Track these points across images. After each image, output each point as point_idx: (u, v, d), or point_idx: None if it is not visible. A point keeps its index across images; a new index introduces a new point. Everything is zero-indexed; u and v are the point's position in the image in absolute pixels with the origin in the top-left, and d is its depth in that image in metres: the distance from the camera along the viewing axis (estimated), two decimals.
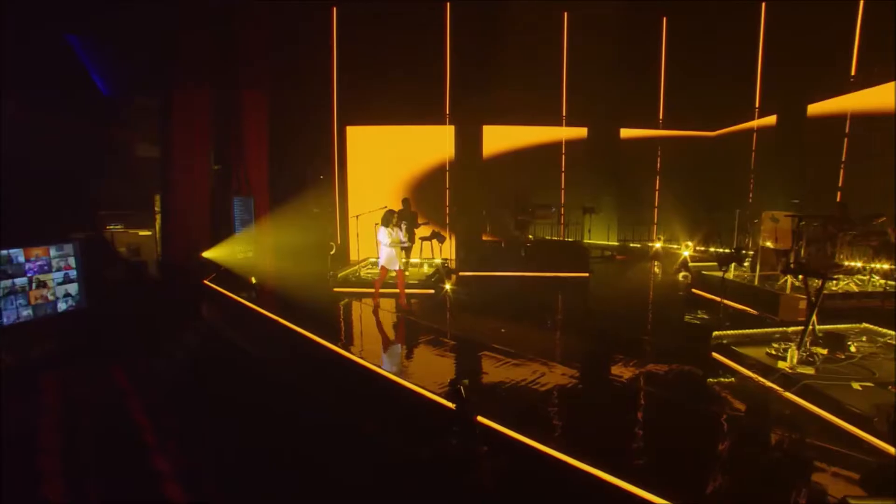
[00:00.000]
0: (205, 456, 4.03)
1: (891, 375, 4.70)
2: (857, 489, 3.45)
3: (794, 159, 10.16)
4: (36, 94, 8.70)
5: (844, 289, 7.01)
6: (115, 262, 10.03)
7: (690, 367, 5.46)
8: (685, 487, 3.34)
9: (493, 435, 3.93)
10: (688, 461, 3.81)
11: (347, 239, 12.59)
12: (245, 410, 4.68)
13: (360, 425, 4.38)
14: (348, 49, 12.55)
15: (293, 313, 7.37)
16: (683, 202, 12.76)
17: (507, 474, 3.52)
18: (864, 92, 8.96)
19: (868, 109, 8.87)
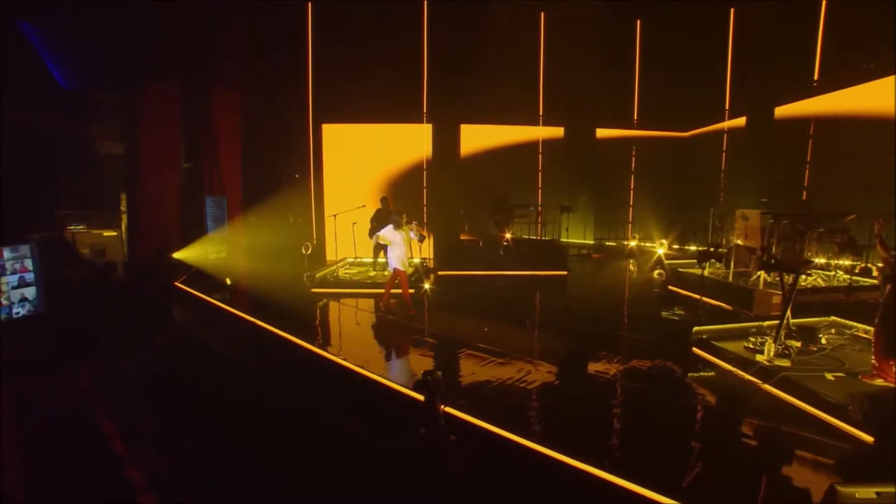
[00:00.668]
0: (176, 461, 3.88)
1: (859, 365, 4.91)
2: (839, 476, 3.58)
3: (763, 159, 10.53)
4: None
5: (812, 284, 7.31)
6: (76, 263, 9.59)
7: (672, 361, 5.57)
8: (671, 478, 3.40)
9: (461, 424, 4.00)
10: (673, 453, 3.88)
11: (323, 238, 12.37)
12: (220, 411, 4.56)
13: (338, 422, 4.41)
14: (323, 46, 12.32)
15: (271, 315, 7.18)
16: (658, 201, 13.05)
17: (474, 462, 3.58)
18: (828, 95, 9.37)
19: (831, 112, 9.28)
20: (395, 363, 6.15)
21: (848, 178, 8.62)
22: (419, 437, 3.43)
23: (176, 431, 4.38)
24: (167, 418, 4.63)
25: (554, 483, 3.57)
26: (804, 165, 9.58)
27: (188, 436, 4.27)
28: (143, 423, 4.53)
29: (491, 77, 12.46)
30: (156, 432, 4.39)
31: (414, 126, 12.99)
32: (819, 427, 4.10)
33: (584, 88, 12.82)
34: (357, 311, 8.52)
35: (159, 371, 5.78)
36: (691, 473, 3.58)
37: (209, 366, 6.06)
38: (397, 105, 12.63)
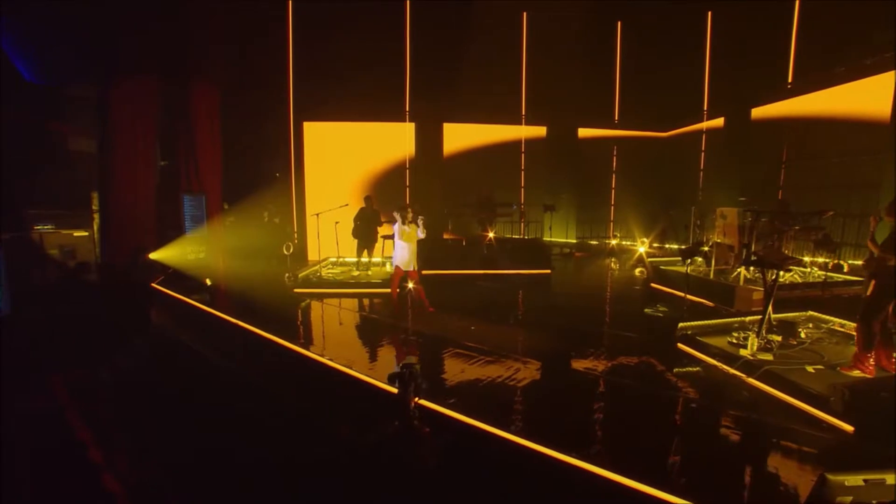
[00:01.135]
0: (155, 468, 3.76)
1: (837, 358, 5.08)
2: (821, 464, 3.68)
3: (740, 159, 10.84)
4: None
5: (789, 280, 7.53)
6: (44, 264, 9.23)
7: (658, 357, 5.67)
8: (660, 469, 3.48)
9: (436, 416, 4.06)
10: (660, 444, 3.95)
11: (305, 238, 12.19)
12: (201, 414, 4.46)
13: (322, 420, 4.40)
14: (305, 43, 12.14)
15: (253, 316, 7.03)
16: (639, 200, 13.29)
17: (449, 453, 3.62)
18: (801, 98, 9.69)
19: (804, 114, 9.60)
20: (381, 362, 6.08)
21: (821, 177, 8.94)
22: (393, 429, 3.47)
23: (155, 437, 4.24)
24: (146, 424, 4.48)
25: (531, 473, 3.62)
26: (780, 165, 9.89)
27: (168, 442, 4.14)
28: (120, 430, 4.36)
29: (474, 76, 12.50)
30: (134, 439, 4.23)
31: (397, 125, 12.91)
32: (802, 418, 4.22)
33: (566, 88, 12.97)
34: (341, 311, 8.43)
35: (137, 375, 5.59)
36: (679, 464, 3.66)
37: (189, 368, 5.89)
38: (380, 103, 12.54)
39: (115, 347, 6.31)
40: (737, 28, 11.09)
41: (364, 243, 10.16)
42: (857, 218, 7.86)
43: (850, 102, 8.61)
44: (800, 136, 9.53)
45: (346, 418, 4.34)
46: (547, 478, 3.56)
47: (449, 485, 3.44)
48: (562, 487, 3.49)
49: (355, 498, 3.36)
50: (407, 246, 7.25)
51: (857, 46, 8.26)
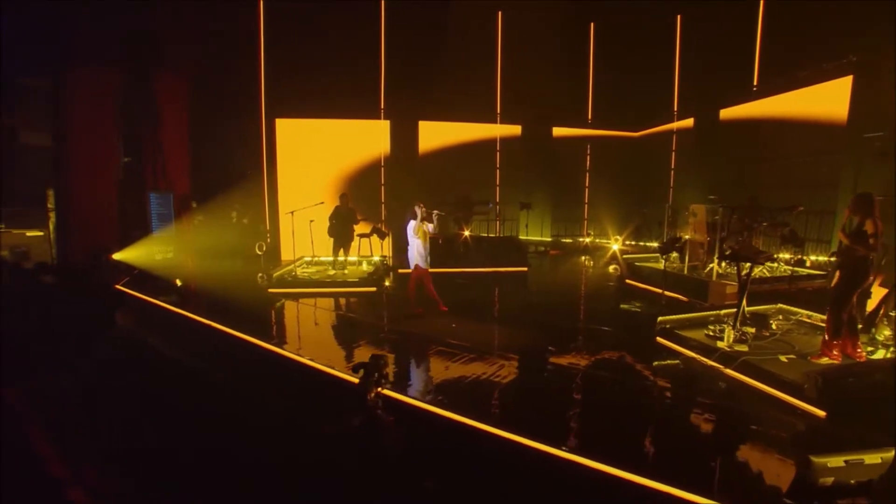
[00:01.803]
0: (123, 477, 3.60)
1: (806, 347, 5.31)
2: (796, 447, 3.84)
3: (710, 158, 11.23)
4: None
5: (758, 274, 7.83)
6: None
7: (639, 351, 5.80)
8: (650, 459, 3.55)
9: (399, 406, 4.18)
10: (645, 434, 4.08)
11: (278, 237, 11.89)
12: (169, 419, 4.34)
13: (294, 416, 4.42)
14: (278, 38, 11.80)
15: (226, 316, 6.81)
16: (613, 198, 13.57)
17: (414, 442, 3.68)
18: (766, 100, 10.12)
19: (769, 115, 10.03)
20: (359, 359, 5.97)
21: (785, 176, 9.36)
22: (357, 420, 3.51)
23: (122, 445, 4.03)
24: (111, 431, 4.25)
25: (497, 460, 3.72)
26: (748, 164, 10.31)
27: (135, 449, 3.94)
28: (84, 439, 4.13)
29: (449, 74, 12.47)
30: (100, 448, 4.01)
31: (372, 122, 12.76)
32: (778, 405, 4.40)
33: (541, 88, 13.11)
34: (318, 311, 8.27)
35: (102, 381, 5.31)
36: (660, 452, 3.76)
37: (158, 371, 5.65)
38: (354, 100, 12.36)
39: (77, 353, 5.98)
40: (705, 32, 11.50)
41: (340, 242, 9.99)
42: (818, 215, 8.27)
43: (811, 105, 9.05)
44: (766, 136, 9.95)
45: (319, 414, 4.30)
46: (533, 469, 3.60)
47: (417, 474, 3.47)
48: (548, 478, 3.53)
49: (318, 484, 3.39)
50: (427, 244, 7.13)
51: (816, 52, 8.70)
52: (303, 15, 11.52)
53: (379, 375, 3.53)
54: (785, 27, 9.52)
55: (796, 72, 9.15)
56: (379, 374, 3.53)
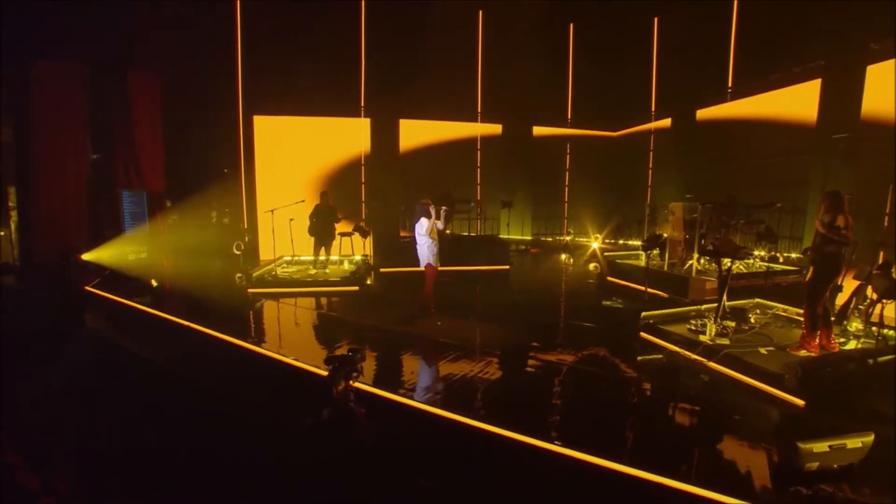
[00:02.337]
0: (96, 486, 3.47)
1: (784, 340, 5.49)
2: (778, 435, 3.97)
3: (687, 158, 11.52)
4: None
5: (735, 270, 8.07)
6: None
7: (623, 346, 5.90)
8: (639, 450, 3.60)
9: (374, 399, 4.29)
10: (633, 426, 4.16)
11: (256, 236, 11.64)
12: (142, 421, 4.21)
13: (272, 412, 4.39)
14: (255, 34, 11.52)
15: (205, 317, 6.64)
16: (593, 197, 13.78)
17: (386, 433, 3.71)
18: (740, 101, 10.46)
19: (744, 116, 10.37)
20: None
21: (759, 176, 9.69)
22: (327, 412, 3.53)
23: (92, 452, 3.88)
24: (82, 437, 4.08)
25: (469, 451, 3.79)
26: (724, 163, 10.63)
27: (106, 455, 3.79)
28: (55, 448, 3.94)
29: (430, 73, 12.43)
30: (71, 457, 3.84)
31: (352, 120, 12.63)
32: (759, 396, 4.54)
33: (522, 87, 13.19)
34: (300, 310, 8.13)
35: (71, 385, 5.09)
36: (654, 444, 3.82)
37: (131, 373, 5.45)
38: (334, 98, 12.21)
39: (45, 357, 5.72)
40: (681, 35, 11.80)
41: (321, 240, 9.85)
42: (789, 214, 8.59)
43: (783, 107, 9.40)
44: (741, 136, 10.29)
45: (303, 410, 4.24)
46: (520, 463, 3.64)
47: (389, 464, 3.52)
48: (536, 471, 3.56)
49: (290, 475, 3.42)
50: (437, 242, 7.00)
51: (787, 56, 9.03)
52: (281, 11, 11.30)
53: (350, 368, 3.53)
54: (757, 32, 9.85)
55: (768, 75, 9.49)
56: (350, 366, 3.53)
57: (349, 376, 3.53)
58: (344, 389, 3.49)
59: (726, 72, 10.66)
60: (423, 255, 7.00)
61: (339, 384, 3.48)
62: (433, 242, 6.91)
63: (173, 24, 10.23)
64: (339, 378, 3.48)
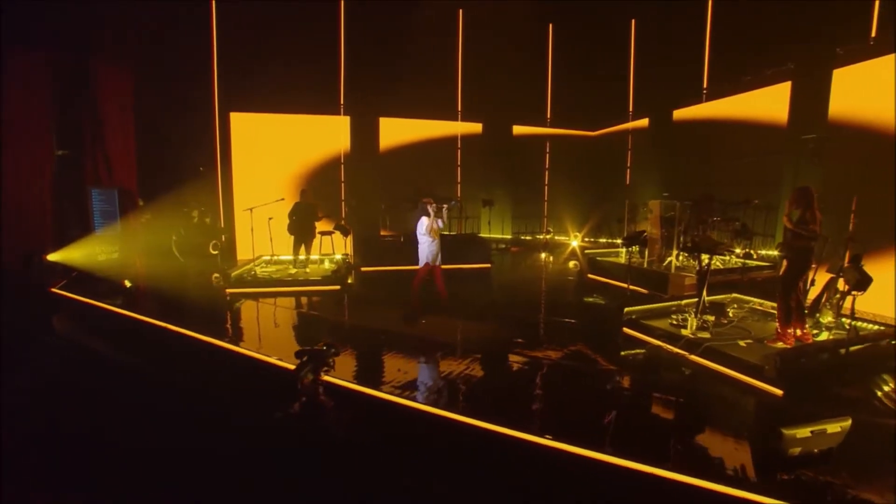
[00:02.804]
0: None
1: (761, 333, 5.67)
2: (758, 423, 4.10)
3: (664, 157, 11.77)
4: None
5: (713, 266, 8.28)
6: None
7: (607, 341, 6.00)
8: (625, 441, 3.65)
9: (338, 391, 4.24)
10: (621, 417, 4.18)
11: (233, 235, 11.38)
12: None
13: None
14: (231, 30, 11.24)
15: (181, 317, 6.47)
16: (572, 196, 13.94)
17: (354, 425, 3.81)
18: (715, 102, 10.75)
19: (719, 116, 10.67)
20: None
21: (735, 174, 9.98)
22: (296, 406, 3.60)
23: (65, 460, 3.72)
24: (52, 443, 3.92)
25: (438, 441, 3.84)
26: (700, 163, 10.91)
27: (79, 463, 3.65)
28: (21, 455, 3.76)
29: (410, 71, 12.37)
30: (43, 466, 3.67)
31: (331, 117, 12.47)
32: (739, 387, 4.68)
33: (502, 86, 13.27)
34: (281, 310, 7.98)
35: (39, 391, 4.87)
36: (640, 435, 3.89)
37: (102, 378, 5.25)
38: (312, 95, 12.03)
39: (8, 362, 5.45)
40: (658, 37, 12.06)
41: (301, 239, 9.70)
42: (763, 211, 8.87)
43: (756, 108, 9.71)
44: (716, 136, 10.59)
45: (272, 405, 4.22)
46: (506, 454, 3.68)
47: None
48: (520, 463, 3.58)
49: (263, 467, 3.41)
50: (437, 241, 7.03)
51: (759, 58, 9.34)
52: (258, 5, 11.06)
53: (320, 362, 3.50)
54: (731, 34, 10.16)
55: (742, 76, 9.80)
56: (319, 360, 3.51)
57: (318, 370, 3.51)
58: (312, 383, 3.47)
59: (702, 73, 10.95)
60: (422, 254, 6.97)
61: (305, 377, 3.47)
62: (433, 241, 6.90)
63: (145, 14, 9.86)
64: (306, 371, 3.48)
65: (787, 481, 3.22)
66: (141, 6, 9.78)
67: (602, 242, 13.34)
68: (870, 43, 7.48)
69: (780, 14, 8.74)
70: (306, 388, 3.49)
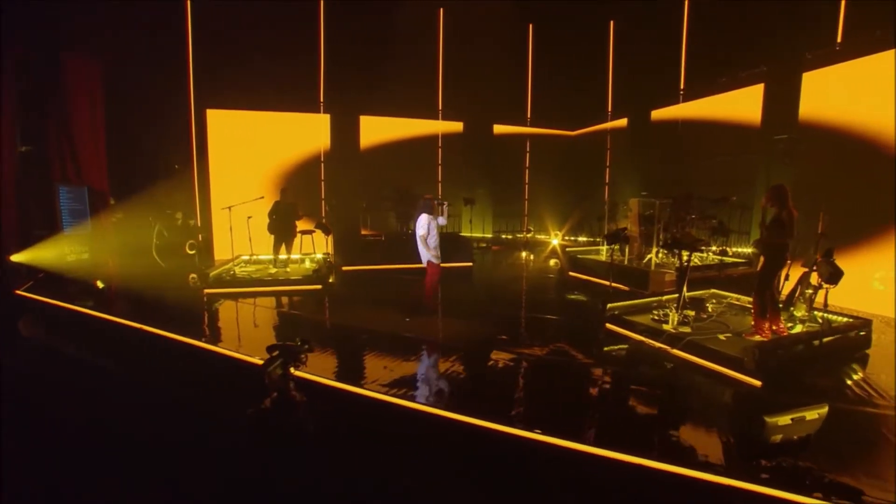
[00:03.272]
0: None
1: (739, 326, 5.83)
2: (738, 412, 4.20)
3: (643, 156, 12.01)
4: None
5: (691, 263, 8.48)
6: None
7: (590, 336, 6.07)
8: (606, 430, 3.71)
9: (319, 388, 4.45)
10: (604, 409, 4.33)
11: (210, 234, 11.10)
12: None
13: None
14: (207, 25, 10.95)
15: (158, 318, 6.29)
16: (552, 195, 14.08)
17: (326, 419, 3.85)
18: (692, 103, 11.03)
19: (696, 117, 10.94)
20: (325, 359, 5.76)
21: (711, 173, 10.25)
22: (272, 401, 3.57)
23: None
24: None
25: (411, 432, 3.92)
26: (677, 162, 11.17)
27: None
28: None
29: (391, 69, 12.31)
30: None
31: (310, 115, 12.30)
32: (720, 379, 4.81)
33: (482, 86, 13.31)
34: (261, 310, 7.83)
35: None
36: (625, 427, 3.96)
37: (70, 377, 5.08)
38: (292, 93, 11.85)
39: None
40: (636, 38, 12.30)
41: (281, 238, 9.54)
42: (738, 209, 9.15)
43: (731, 109, 10.00)
44: (693, 136, 10.87)
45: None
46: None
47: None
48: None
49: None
50: (438, 239, 6.97)
51: (733, 61, 9.63)
52: (236, 1, 10.82)
53: (291, 357, 3.53)
54: (707, 37, 10.45)
55: (717, 78, 10.08)
56: (291, 355, 3.53)
57: (288, 365, 3.49)
58: (281, 378, 3.45)
59: (679, 74, 11.22)
60: (422, 253, 6.97)
61: (274, 372, 3.43)
62: (434, 239, 6.88)
63: (117, 4, 9.51)
64: (275, 366, 3.47)
65: (771, 467, 3.31)
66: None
67: (582, 241, 13.54)
68: (836, 48, 7.78)
69: (754, 17, 9.03)
70: (274, 382, 3.44)
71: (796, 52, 8.26)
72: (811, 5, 8.11)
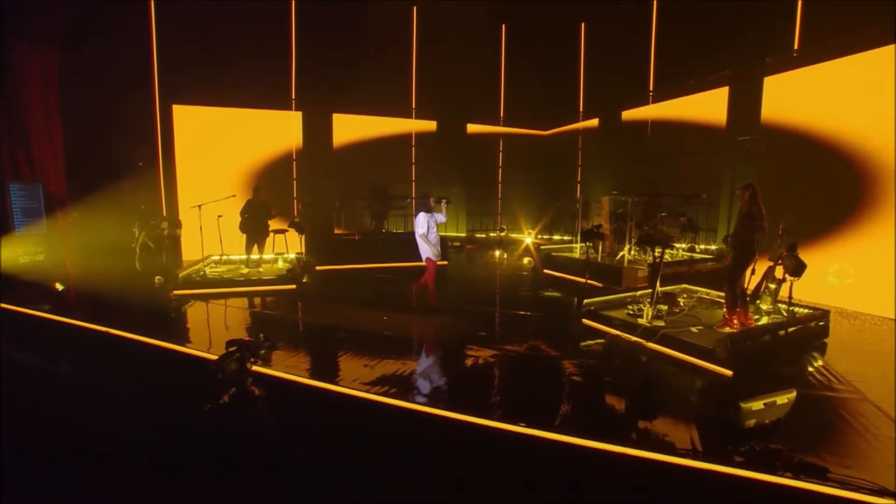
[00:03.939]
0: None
1: (710, 319, 6.03)
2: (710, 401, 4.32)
3: (614, 156, 12.29)
4: None
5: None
6: None
7: (567, 332, 6.16)
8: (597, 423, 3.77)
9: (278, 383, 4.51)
10: (583, 400, 4.41)
11: (178, 234, 10.70)
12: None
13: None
14: (173, 13, 10.58)
15: (121, 320, 6.06)
16: (525, 194, 14.25)
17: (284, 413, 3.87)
18: (661, 104, 11.37)
19: (665, 118, 11.28)
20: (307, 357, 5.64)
21: (680, 172, 10.59)
22: (231, 396, 3.54)
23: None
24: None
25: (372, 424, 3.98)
26: (647, 162, 11.49)
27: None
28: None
29: (364, 67, 12.20)
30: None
31: (282, 113, 12.05)
32: (693, 369, 4.97)
33: (456, 85, 13.35)
34: (233, 310, 7.60)
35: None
36: (603, 417, 4.05)
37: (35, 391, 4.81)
38: (262, 89, 11.56)
39: None
40: (607, 40, 12.60)
41: (253, 238, 9.30)
42: (705, 207, 9.49)
43: (698, 110, 10.37)
44: (662, 136, 11.22)
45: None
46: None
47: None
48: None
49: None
50: (437, 236, 6.96)
51: (699, 64, 9.98)
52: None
53: (250, 352, 3.49)
54: (674, 41, 10.80)
55: (684, 80, 10.43)
56: (250, 351, 3.49)
57: (245, 360, 3.46)
58: (237, 372, 3.43)
59: (648, 76, 11.54)
60: (422, 249, 6.92)
61: (229, 366, 3.42)
62: (433, 235, 6.82)
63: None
64: (230, 361, 3.43)
65: (745, 451, 3.43)
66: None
67: (556, 239, 13.75)
68: (793, 54, 8.17)
69: (719, 22, 9.39)
70: (228, 377, 3.39)
71: (758, 57, 8.63)
72: (770, 11, 8.50)
